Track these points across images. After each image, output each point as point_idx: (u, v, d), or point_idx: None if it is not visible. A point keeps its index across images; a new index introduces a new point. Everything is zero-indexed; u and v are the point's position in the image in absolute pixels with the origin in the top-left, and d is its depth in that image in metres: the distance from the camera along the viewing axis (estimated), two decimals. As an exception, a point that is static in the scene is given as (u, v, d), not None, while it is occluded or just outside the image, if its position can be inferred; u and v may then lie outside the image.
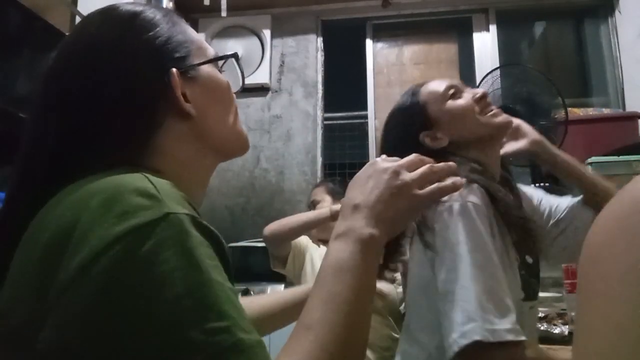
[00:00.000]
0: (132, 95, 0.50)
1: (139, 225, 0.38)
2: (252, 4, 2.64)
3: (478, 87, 2.20)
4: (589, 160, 1.70)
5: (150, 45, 0.52)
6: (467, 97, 0.94)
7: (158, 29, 0.53)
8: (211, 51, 0.59)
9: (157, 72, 0.51)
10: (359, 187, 0.53)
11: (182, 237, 0.39)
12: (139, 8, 0.55)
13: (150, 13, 0.55)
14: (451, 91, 0.94)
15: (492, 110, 0.93)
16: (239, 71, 0.62)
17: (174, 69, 0.51)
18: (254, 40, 2.67)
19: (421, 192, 0.53)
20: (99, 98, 0.49)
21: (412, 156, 0.55)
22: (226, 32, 2.67)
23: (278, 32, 2.69)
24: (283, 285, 1.98)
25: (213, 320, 0.37)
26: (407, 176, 0.52)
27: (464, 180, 0.55)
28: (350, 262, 0.47)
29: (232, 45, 2.62)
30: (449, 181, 0.54)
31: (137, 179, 0.42)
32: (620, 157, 1.82)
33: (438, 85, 0.95)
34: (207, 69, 0.56)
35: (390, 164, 0.54)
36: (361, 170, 0.56)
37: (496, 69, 2.23)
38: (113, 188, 0.41)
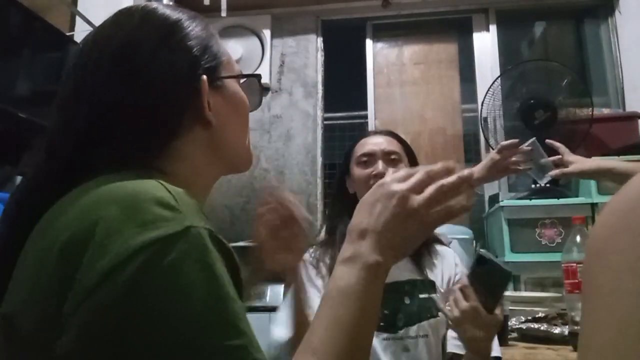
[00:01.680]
0: (162, 97, 0.51)
1: (161, 237, 0.38)
2: (252, 4, 2.64)
3: (484, 100, 2.20)
4: (589, 160, 1.70)
5: (187, 52, 0.53)
6: (366, 171, 1.06)
7: (196, 38, 0.55)
8: (238, 68, 0.61)
9: (189, 78, 0.53)
10: (366, 211, 0.52)
11: (203, 251, 0.40)
12: (179, 14, 0.56)
13: (191, 21, 0.56)
14: (363, 159, 1.08)
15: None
16: (258, 92, 0.64)
17: (204, 76, 0.53)
18: (254, 40, 2.67)
19: (430, 217, 0.50)
20: (129, 96, 0.50)
21: (421, 174, 0.51)
22: (226, 32, 2.67)
23: (278, 32, 2.69)
24: (283, 286, 1.97)
25: (232, 337, 0.38)
26: (416, 201, 0.50)
27: (471, 202, 0.52)
28: (356, 287, 0.48)
29: (232, 45, 2.62)
30: (458, 200, 0.51)
31: (155, 187, 0.42)
32: (620, 157, 1.83)
33: (360, 149, 1.11)
34: (232, 83, 0.59)
35: (399, 188, 0.50)
36: (369, 192, 0.53)
37: (501, 74, 2.25)
38: (132, 195, 0.41)
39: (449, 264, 1.09)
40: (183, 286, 0.37)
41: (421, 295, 1.00)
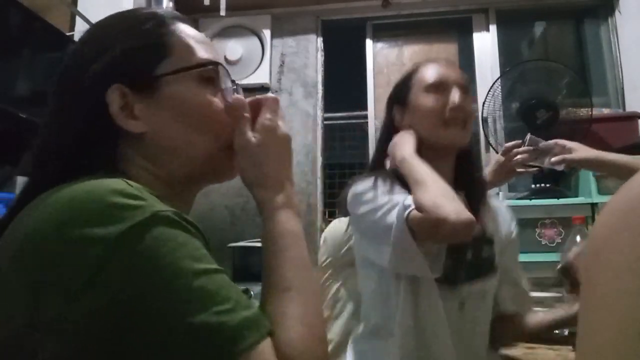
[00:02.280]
0: (90, 105, 0.50)
1: (132, 226, 0.39)
2: (252, 4, 2.64)
3: (485, 101, 2.19)
4: (589, 160, 1.70)
5: (106, 56, 0.51)
6: (442, 100, 0.91)
7: (139, 36, 0.52)
8: (197, 60, 0.53)
9: (96, 85, 0.50)
10: (277, 158, 0.54)
11: (174, 232, 0.41)
12: (135, 15, 0.54)
13: (142, 17, 0.54)
14: (435, 86, 0.92)
15: (454, 124, 0.91)
16: (227, 81, 0.56)
17: (116, 84, 0.50)
18: (254, 40, 2.67)
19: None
20: (75, 104, 0.51)
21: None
22: (226, 32, 2.67)
23: (278, 32, 2.69)
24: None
25: (218, 304, 0.39)
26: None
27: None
28: (299, 231, 0.52)
29: (232, 45, 2.62)
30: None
31: (115, 182, 0.43)
32: (620, 157, 1.82)
33: (431, 74, 0.94)
34: (177, 83, 0.51)
35: (287, 131, 0.56)
36: (269, 139, 0.53)
37: (500, 75, 2.24)
38: (91, 191, 0.41)
39: (505, 220, 1.03)
40: (162, 269, 0.38)
41: (483, 253, 0.95)
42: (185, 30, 0.55)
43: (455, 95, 0.91)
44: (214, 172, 0.56)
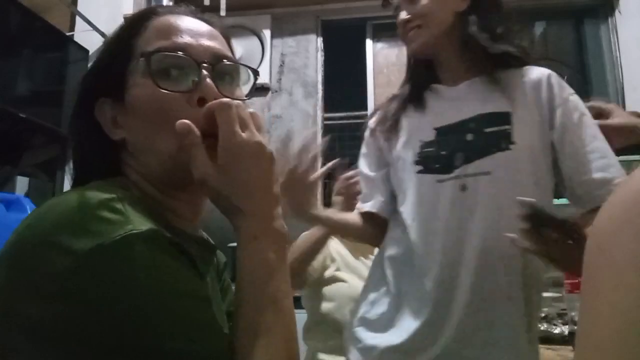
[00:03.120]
0: (85, 119, 0.53)
1: (107, 242, 0.38)
2: (252, 4, 2.64)
3: None
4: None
5: (89, 72, 0.54)
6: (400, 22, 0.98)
7: (109, 47, 0.54)
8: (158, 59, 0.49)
9: (92, 99, 0.53)
10: (245, 180, 0.47)
11: (151, 253, 0.40)
12: (120, 25, 0.55)
13: (121, 25, 0.55)
14: (395, 12, 1.00)
15: (408, 37, 0.97)
16: (169, 70, 0.50)
17: (101, 99, 0.52)
18: (254, 40, 2.67)
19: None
20: (74, 119, 0.55)
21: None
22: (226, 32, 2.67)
23: (278, 32, 2.69)
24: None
25: (190, 329, 0.39)
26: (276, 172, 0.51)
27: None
28: (277, 262, 0.46)
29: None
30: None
31: (106, 194, 0.42)
32: (620, 157, 1.82)
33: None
34: (135, 83, 0.49)
35: (265, 142, 0.50)
36: (255, 158, 0.48)
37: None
38: (82, 200, 0.41)
39: (534, 84, 0.93)
40: (130, 288, 0.38)
41: (487, 130, 0.89)
42: (157, 24, 0.52)
43: (401, 14, 0.97)
44: (177, 173, 0.49)
